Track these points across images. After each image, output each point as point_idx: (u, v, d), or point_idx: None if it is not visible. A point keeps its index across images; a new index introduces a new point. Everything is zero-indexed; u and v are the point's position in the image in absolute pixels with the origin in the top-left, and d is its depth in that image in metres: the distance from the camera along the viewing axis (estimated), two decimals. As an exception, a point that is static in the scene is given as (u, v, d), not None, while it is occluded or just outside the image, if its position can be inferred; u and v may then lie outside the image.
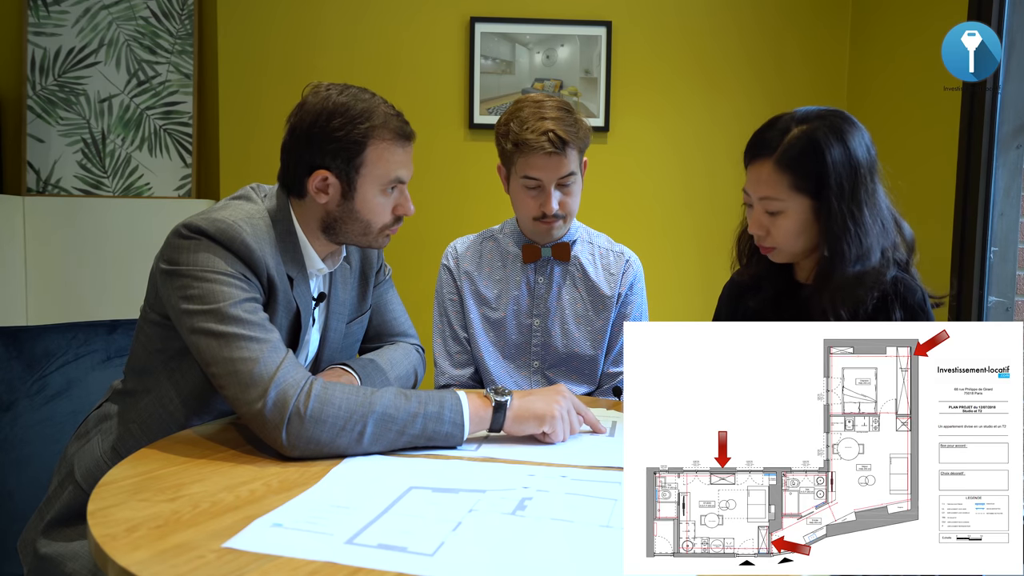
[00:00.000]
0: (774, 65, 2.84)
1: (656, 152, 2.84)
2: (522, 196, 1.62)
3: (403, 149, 1.29)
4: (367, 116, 1.23)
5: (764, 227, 1.30)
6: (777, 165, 1.26)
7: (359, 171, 1.25)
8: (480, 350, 1.69)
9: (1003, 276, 2.20)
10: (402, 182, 1.31)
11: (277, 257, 1.24)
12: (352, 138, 1.23)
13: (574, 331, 1.68)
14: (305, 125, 1.24)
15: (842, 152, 1.24)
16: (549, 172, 1.57)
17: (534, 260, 1.69)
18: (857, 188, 1.25)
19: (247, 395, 1.10)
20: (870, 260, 1.26)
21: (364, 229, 1.29)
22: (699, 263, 2.84)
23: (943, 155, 2.29)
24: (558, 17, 2.74)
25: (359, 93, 1.26)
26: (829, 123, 1.26)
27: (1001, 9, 2.13)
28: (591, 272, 1.70)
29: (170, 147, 2.73)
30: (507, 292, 1.70)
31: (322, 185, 1.25)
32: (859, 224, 1.25)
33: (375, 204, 1.28)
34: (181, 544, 0.80)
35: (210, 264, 1.16)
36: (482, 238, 1.77)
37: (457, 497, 0.94)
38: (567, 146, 1.55)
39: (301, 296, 1.29)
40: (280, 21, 2.70)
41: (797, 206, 1.27)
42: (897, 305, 1.28)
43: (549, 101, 1.59)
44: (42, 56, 2.64)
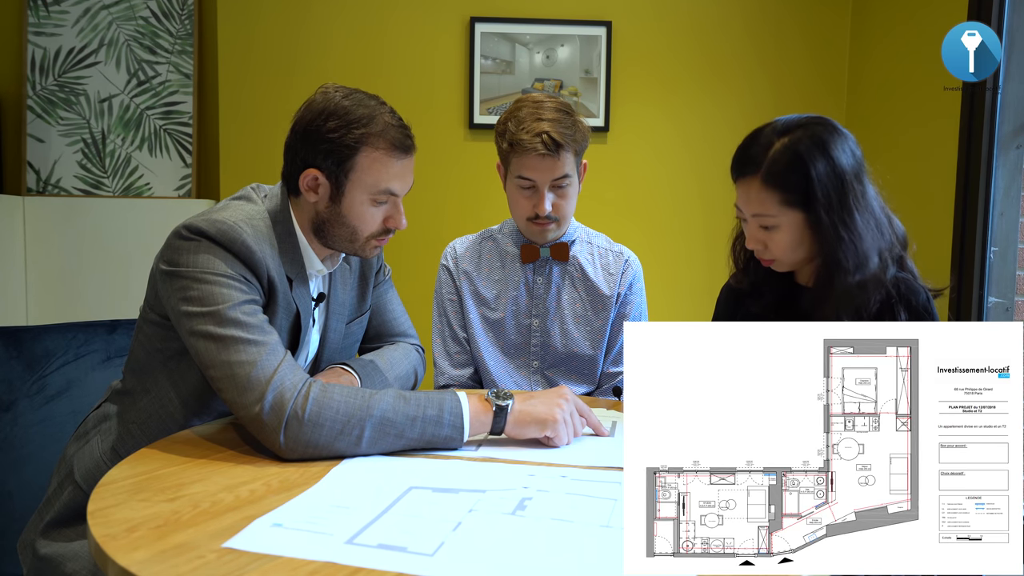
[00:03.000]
0: (774, 65, 2.84)
1: (656, 152, 2.84)
2: (516, 196, 1.62)
3: (399, 161, 1.26)
4: (365, 122, 1.22)
5: (761, 242, 1.30)
6: (764, 183, 1.25)
7: (348, 176, 1.24)
8: (480, 350, 1.69)
9: (1003, 276, 2.20)
10: (394, 194, 1.28)
11: (277, 258, 1.24)
12: (345, 141, 1.22)
13: (573, 331, 1.68)
14: (304, 123, 1.24)
15: (826, 164, 1.23)
16: (542, 173, 1.56)
17: (533, 260, 1.69)
18: (845, 196, 1.24)
19: (244, 398, 1.09)
20: (869, 267, 1.25)
21: (351, 235, 1.28)
22: (699, 263, 2.84)
23: (943, 155, 2.29)
24: (558, 17, 2.74)
25: (365, 99, 1.25)
26: (811, 133, 1.24)
27: (1001, 9, 2.13)
28: (590, 272, 1.70)
29: (170, 147, 2.73)
30: (506, 292, 1.70)
31: (312, 184, 1.25)
32: (852, 232, 1.24)
33: (362, 212, 1.26)
34: (181, 544, 0.80)
35: (210, 266, 1.16)
36: (481, 238, 1.77)
37: (457, 497, 0.94)
38: (561, 148, 1.54)
39: (301, 297, 1.29)
40: (280, 21, 2.70)
41: (790, 220, 1.26)
42: (901, 307, 1.27)
43: (549, 102, 1.58)
44: (42, 56, 2.64)
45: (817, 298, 1.29)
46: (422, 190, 2.78)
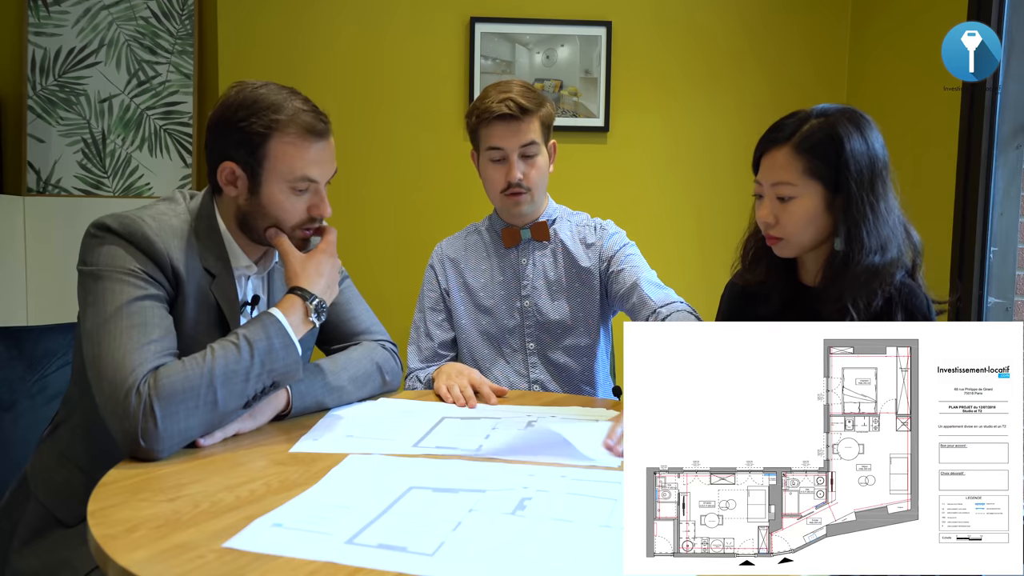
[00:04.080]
0: (774, 65, 2.84)
1: (656, 152, 2.84)
2: (489, 171, 1.67)
3: (313, 146, 1.23)
4: (274, 109, 1.21)
5: (774, 215, 1.30)
6: (794, 149, 1.27)
7: (263, 165, 1.22)
8: (471, 341, 1.70)
9: (1003, 276, 2.20)
10: (313, 181, 1.25)
11: (192, 252, 1.23)
12: (254, 129, 1.21)
13: (564, 305, 1.70)
14: (216, 117, 1.25)
15: (862, 142, 1.26)
16: (509, 139, 1.62)
17: (515, 244, 1.73)
18: (875, 179, 1.26)
19: (105, 400, 1.08)
20: (887, 253, 1.26)
21: (275, 227, 1.26)
22: (699, 263, 2.84)
23: (943, 155, 2.29)
24: (558, 17, 2.74)
25: (278, 89, 1.25)
26: (849, 116, 1.28)
27: (1001, 9, 2.13)
28: (571, 247, 1.73)
29: (170, 147, 2.73)
30: (493, 279, 1.73)
31: (231, 177, 1.24)
32: (877, 214, 1.25)
33: (282, 201, 1.24)
34: (181, 544, 0.80)
35: (110, 261, 1.17)
36: (466, 232, 1.82)
37: (457, 497, 0.94)
38: (526, 113, 1.61)
39: (223, 293, 1.26)
40: (280, 21, 2.70)
41: (809, 192, 1.27)
42: (900, 309, 1.27)
43: (515, 81, 1.67)
44: (42, 56, 2.64)
45: (831, 281, 1.28)
46: (422, 190, 2.79)
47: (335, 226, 1.34)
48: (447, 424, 1.28)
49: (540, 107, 1.64)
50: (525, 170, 1.64)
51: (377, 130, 2.75)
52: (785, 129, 1.29)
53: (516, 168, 1.63)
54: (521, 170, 1.63)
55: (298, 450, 1.13)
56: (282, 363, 1.17)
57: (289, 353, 1.18)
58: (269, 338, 1.16)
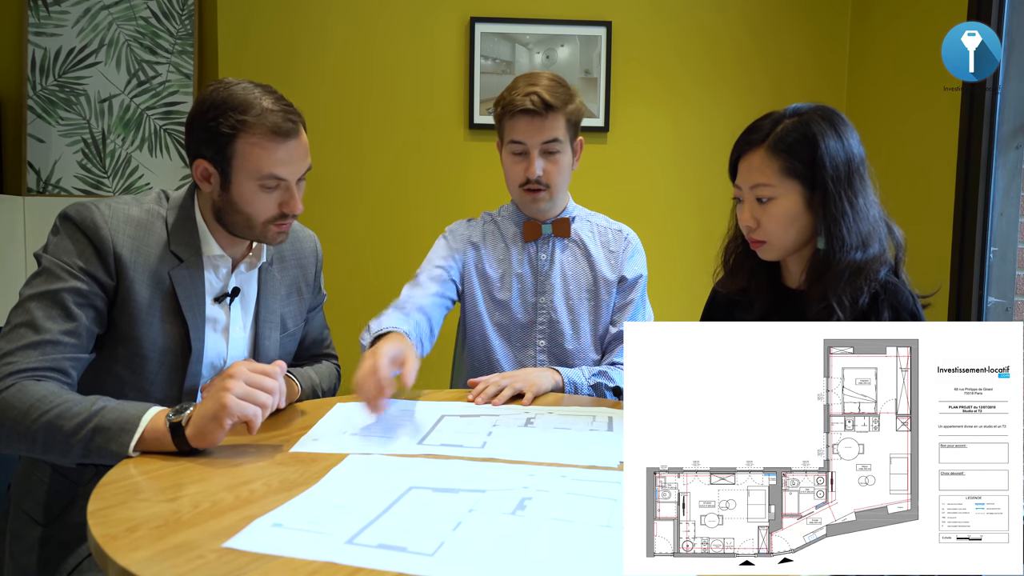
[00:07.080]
0: (774, 65, 2.84)
1: (656, 152, 2.84)
2: (510, 163, 1.65)
3: (281, 146, 1.25)
4: (242, 109, 1.23)
5: (755, 218, 1.29)
6: (769, 150, 1.26)
7: (231, 163, 1.25)
8: (485, 329, 1.70)
9: (1003, 276, 2.20)
10: (281, 179, 1.26)
11: (150, 238, 1.25)
12: (221, 129, 1.23)
13: (579, 306, 1.69)
14: (191, 115, 1.27)
15: (836, 140, 1.25)
16: (532, 135, 1.59)
17: (535, 238, 1.71)
18: (852, 176, 1.25)
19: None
20: (870, 249, 1.25)
21: (246, 222, 1.29)
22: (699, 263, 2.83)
23: (943, 155, 2.29)
24: (558, 17, 2.74)
25: (250, 88, 1.26)
26: (822, 114, 1.28)
27: (1001, 9, 2.13)
28: (592, 248, 1.73)
29: (170, 147, 2.73)
30: (510, 272, 1.71)
31: (204, 174, 1.28)
32: (856, 210, 1.25)
33: (252, 198, 1.27)
34: (181, 544, 0.80)
35: (55, 251, 1.21)
36: (483, 220, 1.79)
37: (457, 497, 0.94)
38: (551, 110, 1.58)
39: (185, 276, 1.27)
40: (280, 21, 2.70)
41: (788, 192, 1.26)
42: (886, 307, 1.26)
43: (545, 74, 1.65)
44: (42, 56, 2.64)
45: (814, 279, 1.27)
46: (422, 190, 2.79)
47: (337, 226, 1.36)
48: (448, 422, 1.29)
49: (567, 104, 1.61)
50: (545, 167, 1.62)
51: (377, 130, 2.75)
52: (759, 131, 1.29)
53: (535, 164, 1.61)
54: (541, 167, 1.61)
55: (298, 450, 1.13)
56: (104, 452, 1.08)
57: (117, 449, 1.07)
58: (108, 437, 1.06)
